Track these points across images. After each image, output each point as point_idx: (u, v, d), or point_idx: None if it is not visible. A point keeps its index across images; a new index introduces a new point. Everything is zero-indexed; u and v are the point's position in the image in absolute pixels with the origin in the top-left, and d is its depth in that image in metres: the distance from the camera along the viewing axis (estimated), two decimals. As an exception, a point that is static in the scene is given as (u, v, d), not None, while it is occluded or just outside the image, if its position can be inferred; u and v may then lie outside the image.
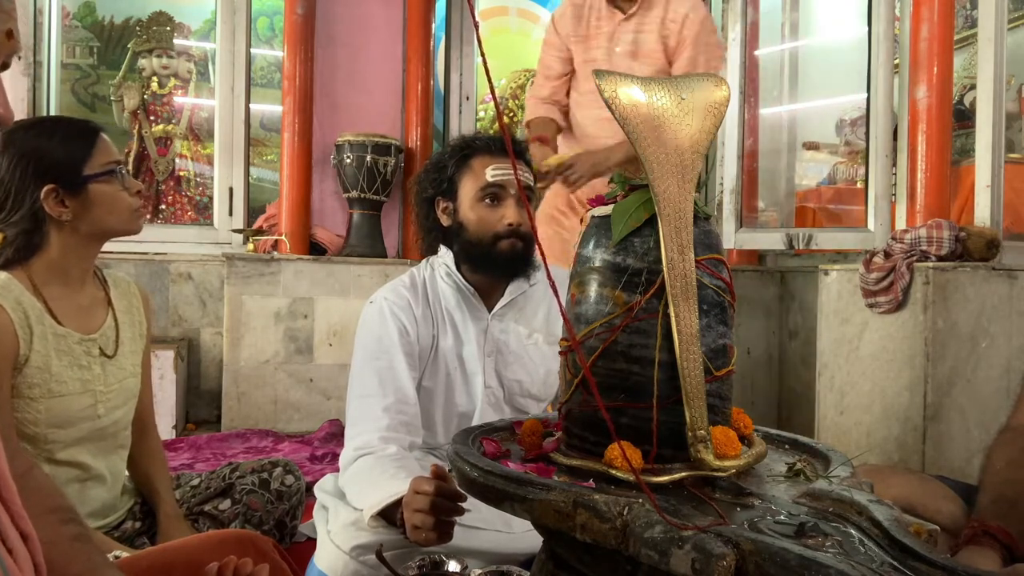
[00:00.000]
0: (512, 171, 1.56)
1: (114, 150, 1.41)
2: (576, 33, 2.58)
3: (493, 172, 1.56)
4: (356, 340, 1.62)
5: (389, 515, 1.34)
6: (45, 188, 1.31)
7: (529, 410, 1.65)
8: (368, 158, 3.44)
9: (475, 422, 1.58)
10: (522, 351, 1.65)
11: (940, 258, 2.37)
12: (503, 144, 1.60)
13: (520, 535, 1.44)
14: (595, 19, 2.54)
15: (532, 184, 1.66)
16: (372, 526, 1.35)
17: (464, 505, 1.32)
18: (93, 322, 1.44)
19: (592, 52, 2.56)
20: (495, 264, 1.59)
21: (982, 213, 2.62)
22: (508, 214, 1.57)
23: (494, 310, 1.65)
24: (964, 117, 3.25)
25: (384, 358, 1.55)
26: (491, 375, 1.63)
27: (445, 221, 1.64)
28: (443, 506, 1.21)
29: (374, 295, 1.65)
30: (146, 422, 1.60)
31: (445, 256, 1.66)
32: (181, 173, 4.11)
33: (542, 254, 0.81)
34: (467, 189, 1.59)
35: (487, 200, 1.57)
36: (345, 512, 1.47)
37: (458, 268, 1.63)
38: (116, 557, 1.14)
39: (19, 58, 0.94)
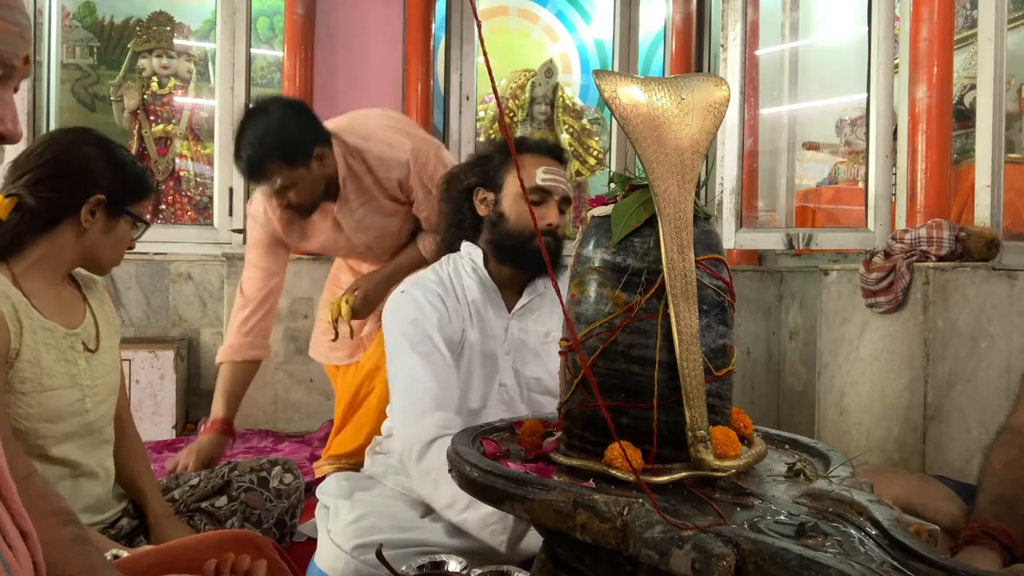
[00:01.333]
0: (560, 177, 1.65)
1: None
2: (291, 233, 2.22)
3: (544, 176, 1.62)
4: (390, 329, 1.61)
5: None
6: (96, 195, 1.39)
7: (545, 407, 1.66)
8: (368, 158, 3.43)
9: (484, 419, 1.58)
10: (540, 349, 1.67)
11: (940, 258, 2.37)
12: (551, 149, 1.70)
13: None
14: (303, 221, 2.19)
15: (570, 195, 1.70)
16: (497, 531, 1.31)
17: None
18: (74, 317, 1.46)
19: (320, 236, 2.23)
20: (528, 258, 1.64)
21: (982, 213, 2.62)
22: (549, 215, 1.63)
23: (514, 310, 1.68)
24: (964, 117, 3.25)
25: (427, 342, 1.56)
26: (508, 373, 1.65)
27: (483, 211, 1.68)
28: None
29: (403, 285, 1.67)
30: (124, 421, 1.60)
31: (472, 252, 1.69)
32: (181, 173, 4.11)
33: (546, 258, 0.81)
34: (513, 183, 1.64)
35: (532, 199, 1.61)
36: (346, 512, 1.47)
37: (485, 264, 1.67)
38: (115, 556, 1.14)
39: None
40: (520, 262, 1.65)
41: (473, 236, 1.70)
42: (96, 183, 1.40)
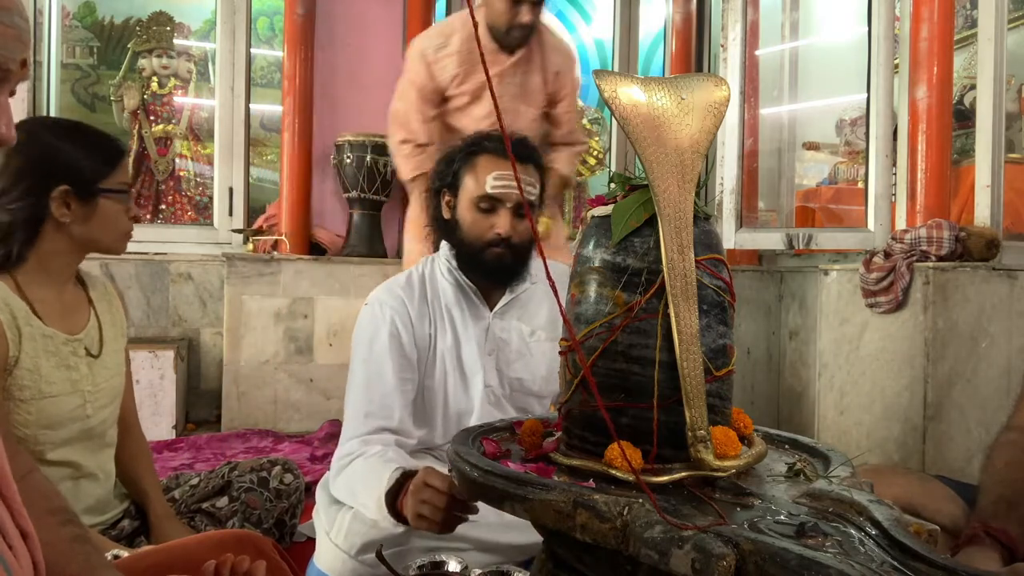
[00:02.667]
0: (514, 182, 1.54)
1: (130, 173, 1.46)
2: (459, 67, 2.41)
3: (494, 183, 1.54)
4: (352, 343, 1.62)
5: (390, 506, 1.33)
6: (59, 188, 1.33)
7: (531, 408, 1.65)
8: (368, 158, 3.44)
9: (474, 421, 1.58)
10: (524, 349, 1.64)
11: (940, 258, 2.37)
12: (513, 146, 1.59)
13: (513, 525, 1.42)
14: (477, 57, 2.34)
15: (535, 198, 1.62)
16: (391, 524, 1.34)
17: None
18: (77, 322, 1.44)
19: (478, 88, 2.42)
20: (481, 269, 1.60)
21: (982, 213, 2.62)
22: (499, 224, 1.55)
23: (496, 308, 1.64)
24: (964, 117, 3.25)
25: (374, 363, 1.54)
26: (491, 374, 1.62)
27: (446, 214, 1.64)
28: (454, 506, 1.21)
29: (369, 296, 1.64)
30: (129, 422, 1.60)
31: (447, 252, 1.65)
32: (181, 173, 4.11)
33: (542, 254, 0.81)
34: (467, 189, 1.58)
35: (481, 206, 1.56)
36: (345, 511, 1.47)
37: (459, 266, 1.63)
38: (116, 556, 1.14)
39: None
40: (476, 272, 1.61)
41: (449, 236, 1.66)
42: (55, 175, 1.33)
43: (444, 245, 1.67)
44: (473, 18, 1.12)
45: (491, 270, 1.59)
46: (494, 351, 1.63)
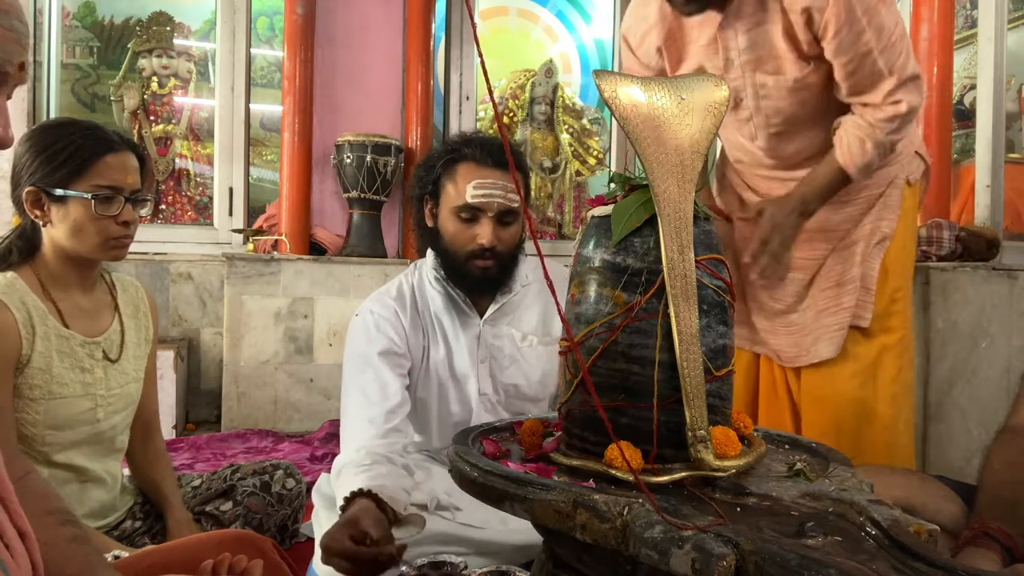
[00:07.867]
0: (496, 189, 1.50)
1: (119, 175, 1.35)
2: (666, 48, 1.75)
3: (474, 191, 1.49)
4: (345, 355, 1.59)
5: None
6: (28, 188, 1.33)
7: (527, 412, 1.64)
8: (368, 158, 3.44)
9: None
10: (517, 354, 1.62)
11: (940, 258, 2.37)
12: (493, 152, 1.53)
13: (513, 525, 1.42)
14: (684, 28, 1.68)
15: (517, 205, 1.54)
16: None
17: (460, 503, 1.32)
18: (98, 325, 1.44)
19: (694, 61, 1.73)
20: (465, 280, 1.56)
21: (982, 213, 2.62)
22: (482, 234, 1.51)
23: (485, 315, 1.61)
24: (964, 117, 3.26)
25: (368, 371, 1.52)
26: (485, 381, 1.61)
27: (429, 222, 1.61)
28: (369, 561, 1.16)
29: (360, 307, 1.61)
30: (151, 427, 1.60)
31: (433, 261, 1.62)
32: (181, 173, 4.11)
33: (539, 255, 0.81)
34: (448, 198, 1.54)
35: (463, 216, 1.52)
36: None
37: (446, 274, 1.60)
38: (116, 556, 1.14)
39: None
40: (461, 282, 1.57)
41: (434, 245, 1.61)
42: (24, 177, 1.33)
43: (430, 253, 1.64)
44: (472, 21, 1.06)
45: (476, 280, 1.55)
46: (487, 358, 1.61)
